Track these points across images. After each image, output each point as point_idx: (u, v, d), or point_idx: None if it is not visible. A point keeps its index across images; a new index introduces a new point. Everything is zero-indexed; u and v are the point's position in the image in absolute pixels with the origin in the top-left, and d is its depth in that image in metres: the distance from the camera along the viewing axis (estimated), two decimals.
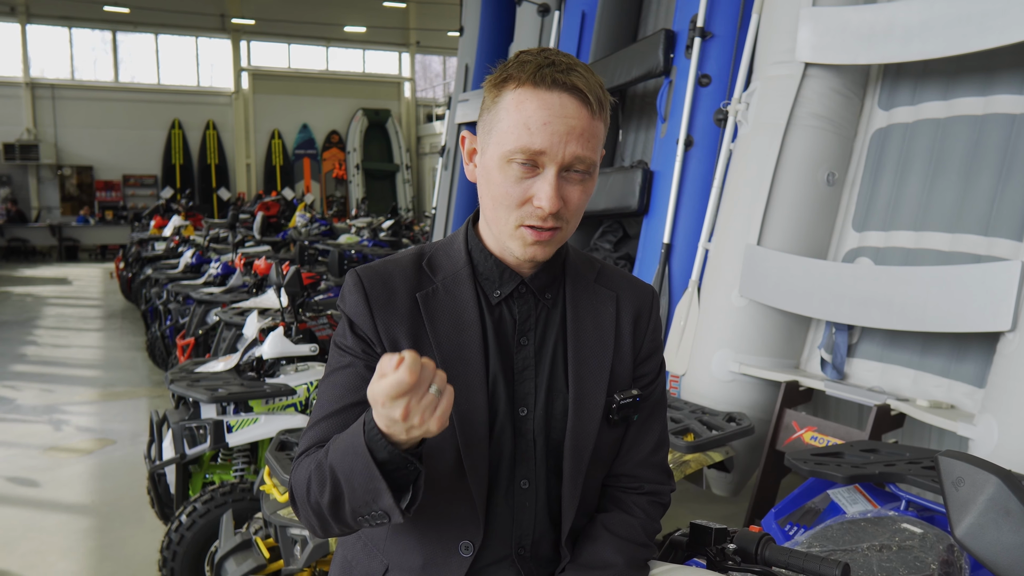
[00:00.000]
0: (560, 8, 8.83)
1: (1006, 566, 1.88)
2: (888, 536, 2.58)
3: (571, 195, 1.70)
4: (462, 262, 1.85)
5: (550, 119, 1.64)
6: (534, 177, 1.68)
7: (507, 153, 1.67)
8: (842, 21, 5.03)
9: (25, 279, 19.98)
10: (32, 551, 5.10)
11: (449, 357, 1.78)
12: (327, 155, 30.64)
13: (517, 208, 1.70)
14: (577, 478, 1.84)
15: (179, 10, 27.59)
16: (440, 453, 1.77)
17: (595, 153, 1.70)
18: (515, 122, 1.66)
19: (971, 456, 2.01)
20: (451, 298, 1.82)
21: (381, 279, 1.82)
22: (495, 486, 1.82)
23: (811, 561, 1.82)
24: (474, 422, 1.76)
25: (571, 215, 1.73)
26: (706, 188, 6.10)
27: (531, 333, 1.85)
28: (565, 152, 1.65)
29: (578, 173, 1.69)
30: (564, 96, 1.65)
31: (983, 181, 4.63)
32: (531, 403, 1.83)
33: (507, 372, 1.82)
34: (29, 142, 25.85)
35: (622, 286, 1.96)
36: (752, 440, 4.97)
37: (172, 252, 13.09)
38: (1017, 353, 3.93)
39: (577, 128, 1.65)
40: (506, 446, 1.81)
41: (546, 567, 1.89)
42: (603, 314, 1.91)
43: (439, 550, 1.82)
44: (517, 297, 1.84)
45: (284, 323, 5.19)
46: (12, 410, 8.27)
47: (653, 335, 1.98)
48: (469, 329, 1.80)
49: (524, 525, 1.85)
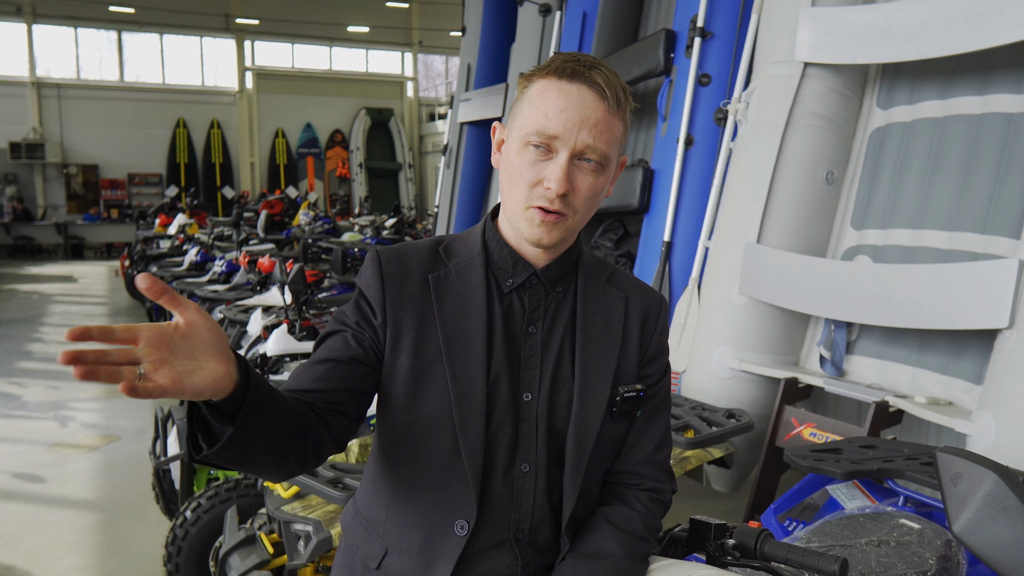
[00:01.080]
0: (561, 8, 8.83)
1: (1004, 561, 1.88)
2: (886, 532, 2.58)
3: (581, 183, 1.76)
4: (477, 250, 1.91)
5: (567, 107, 1.73)
6: (547, 161, 1.75)
7: (525, 136, 1.76)
8: (841, 21, 5.03)
9: (31, 277, 19.98)
10: (38, 546, 5.11)
11: (452, 338, 1.83)
12: (330, 154, 30.64)
13: (529, 189, 1.77)
14: (579, 466, 1.87)
15: (184, 10, 27.59)
16: (438, 431, 1.82)
17: (609, 147, 1.77)
18: (536, 108, 1.76)
19: (969, 452, 2.01)
20: (462, 282, 1.88)
21: (398, 258, 1.89)
22: (495, 467, 1.85)
23: (810, 556, 1.82)
24: (471, 402, 1.80)
25: (580, 204, 1.79)
26: (706, 186, 6.10)
27: (539, 322, 1.90)
28: (577, 139, 1.73)
29: (590, 163, 1.76)
30: (583, 88, 1.74)
31: (980, 180, 4.63)
32: (535, 390, 1.87)
33: (513, 358, 1.86)
34: (35, 141, 25.86)
35: (632, 289, 2.01)
36: (752, 436, 4.97)
37: (177, 250, 13.10)
38: (1014, 350, 3.93)
39: (591, 118, 1.73)
40: (507, 429, 1.84)
41: (545, 555, 1.91)
42: (612, 312, 1.96)
43: (436, 530, 1.84)
44: (528, 287, 1.90)
45: (288, 320, 5.19)
46: (18, 407, 8.27)
47: (660, 338, 2.01)
48: (475, 313, 1.85)
49: (523, 508, 1.87)
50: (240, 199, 23.81)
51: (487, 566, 1.87)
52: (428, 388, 1.82)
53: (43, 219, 26.24)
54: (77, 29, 27.21)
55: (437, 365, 1.81)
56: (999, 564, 1.89)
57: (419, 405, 1.83)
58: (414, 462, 1.86)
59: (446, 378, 1.80)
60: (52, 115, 26.59)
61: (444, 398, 1.80)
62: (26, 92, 26.13)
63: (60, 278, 19.81)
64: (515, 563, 1.87)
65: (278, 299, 6.54)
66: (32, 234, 25.79)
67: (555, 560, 1.92)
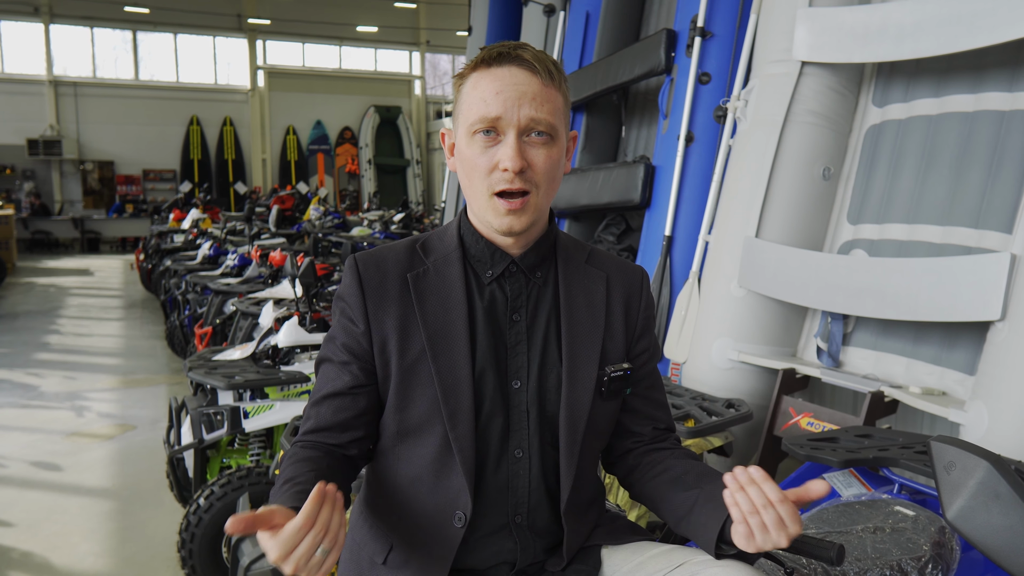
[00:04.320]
0: (565, 9, 8.81)
1: (996, 547, 1.88)
2: (882, 518, 2.58)
3: (535, 158, 1.76)
4: (453, 245, 1.91)
5: (502, 88, 1.74)
6: (497, 145, 1.75)
7: (470, 127, 1.76)
8: (837, 21, 5.02)
9: (48, 270, 20.00)
10: (55, 533, 5.12)
11: (435, 334, 1.83)
12: (340, 150, 30.63)
13: (487, 176, 1.77)
14: (573, 448, 1.87)
15: (197, 10, 27.57)
16: (429, 429, 1.83)
17: (553, 117, 1.77)
18: (473, 99, 1.76)
19: (962, 441, 2.01)
20: (440, 278, 1.87)
21: (375, 262, 1.89)
22: (488, 456, 1.85)
23: (807, 543, 1.82)
24: (459, 395, 1.81)
25: (540, 178, 1.78)
26: (706, 182, 6.09)
27: (523, 310, 1.89)
28: (520, 115, 1.73)
29: (540, 136, 1.76)
30: (513, 68, 1.75)
31: (973, 176, 4.62)
32: (524, 376, 1.87)
33: (499, 347, 1.87)
34: (52, 138, 25.87)
35: (611, 268, 2.02)
36: (751, 426, 4.97)
37: (190, 244, 13.10)
38: (1006, 342, 3.93)
39: (528, 93, 1.74)
40: (498, 418, 1.84)
41: (544, 537, 1.92)
42: (594, 293, 1.96)
43: (435, 523, 1.85)
44: (508, 276, 1.89)
45: (298, 312, 5.19)
46: (36, 397, 8.29)
47: (646, 312, 2.03)
48: (456, 307, 1.85)
49: (519, 494, 1.88)
50: (252, 194, 23.81)
51: (488, 552, 1.87)
52: (416, 387, 1.82)
53: (60, 214, 26.26)
54: (93, 29, 27.20)
55: (423, 364, 1.82)
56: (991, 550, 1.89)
57: (409, 405, 1.83)
58: (409, 459, 1.87)
59: (432, 376, 1.81)
60: (69, 113, 26.60)
61: (432, 396, 1.81)
62: (43, 90, 26.14)
63: (77, 271, 19.84)
64: (515, 547, 1.88)
65: (289, 292, 6.54)
66: (49, 228, 25.81)
67: (554, 543, 1.93)
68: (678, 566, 1.82)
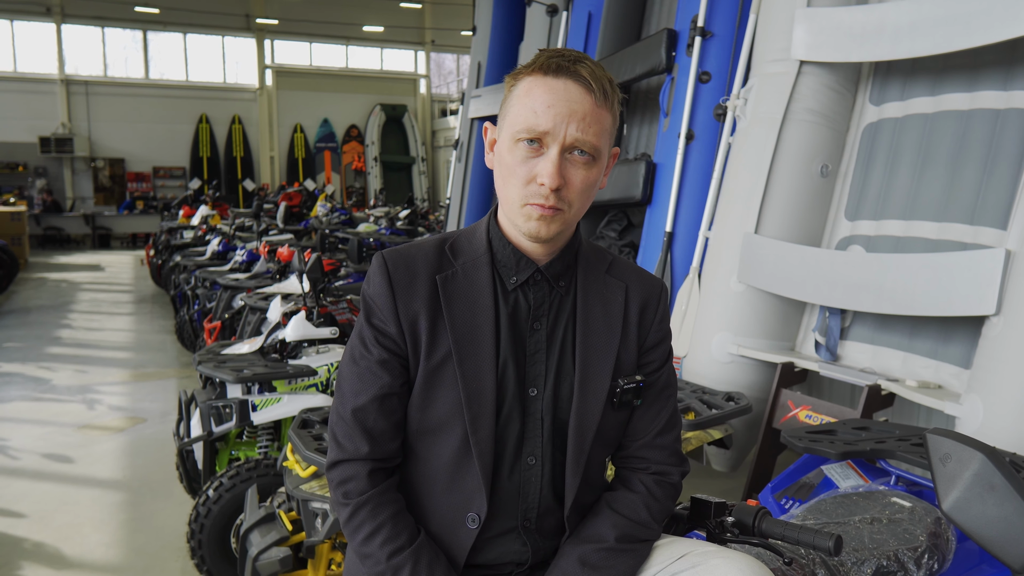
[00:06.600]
0: (568, 9, 8.81)
1: (990, 538, 1.88)
2: (879, 509, 2.58)
3: (573, 177, 1.72)
4: (482, 249, 1.87)
5: (554, 102, 1.69)
6: (539, 157, 1.71)
7: (515, 134, 1.72)
8: (835, 21, 5.01)
9: (60, 265, 20.00)
10: (67, 524, 5.13)
11: (462, 337, 1.80)
12: (347, 148, 30.59)
13: (524, 186, 1.73)
14: (580, 456, 1.86)
15: (206, 10, 27.54)
16: (449, 430, 1.80)
17: (599, 139, 1.73)
18: (524, 106, 1.71)
19: (958, 434, 2.01)
20: (469, 282, 1.84)
21: (404, 262, 1.84)
22: (503, 462, 1.83)
23: (805, 533, 1.82)
24: (482, 400, 1.78)
25: (574, 197, 1.75)
26: (706, 179, 6.09)
27: (544, 318, 1.86)
28: (567, 133, 1.68)
29: (582, 156, 1.72)
30: (569, 82, 1.69)
31: (969, 173, 4.62)
32: (541, 384, 1.85)
33: (519, 354, 1.84)
34: (64, 136, 25.86)
35: (632, 278, 1.97)
36: (750, 418, 4.96)
37: (200, 240, 13.09)
38: (1001, 336, 3.93)
39: (579, 112, 1.69)
40: (515, 424, 1.83)
41: (551, 539, 1.91)
42: (612, 303, 1.92)
43: (448, 522, 1.84)
44: (532, 284, 1.86)
45: (306, 307, 5.19)
46: (48, 390, 8.30)
47: (660, 324, 1.97)
48: (483, 312, 1.82)
49: (530, 499, 1.86)
50: (260, 191, 23.79)
51: (497, 552, 1.87)
52: (439, 388, 1.80)
53: (71, 210, 26.26)
54: (104, 29, 27.18)
55: (448, 366, 1.79)
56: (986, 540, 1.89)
57: (431, 405, 1.81)
58: (426, 458, 1.85)
59: (457, 379, 1.78)
60: (80, 111, 26.59)
61: (455, 398, 1.79)
62: (55, 89, 26.13)
63: (88, 267, 19.86)
64: (524, 548, 1.88)
65: (296, 287, 6.54)
66: (61, 225, 25.82)
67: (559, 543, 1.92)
68: (680, 557, 1.82)
